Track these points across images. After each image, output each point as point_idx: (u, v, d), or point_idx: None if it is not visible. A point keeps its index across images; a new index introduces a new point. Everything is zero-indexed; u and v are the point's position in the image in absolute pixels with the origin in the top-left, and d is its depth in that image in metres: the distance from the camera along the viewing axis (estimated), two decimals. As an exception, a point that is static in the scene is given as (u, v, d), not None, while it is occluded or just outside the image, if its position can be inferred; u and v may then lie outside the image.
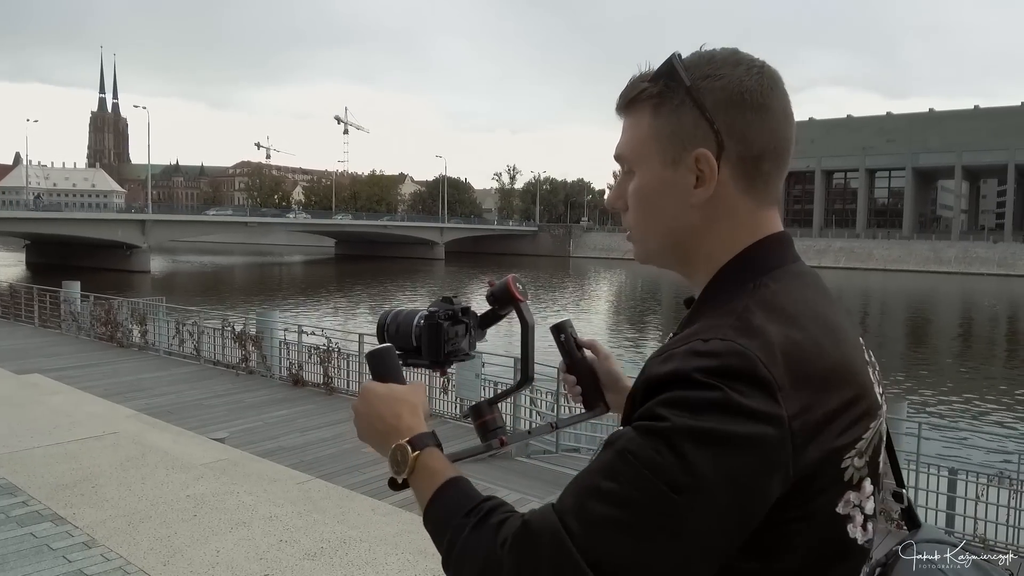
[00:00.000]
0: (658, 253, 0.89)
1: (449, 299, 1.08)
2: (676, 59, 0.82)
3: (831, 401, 0.72)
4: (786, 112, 0.83)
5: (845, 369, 0.75)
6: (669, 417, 0.68)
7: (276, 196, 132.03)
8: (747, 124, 0.80)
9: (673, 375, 0.70)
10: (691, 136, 0.81)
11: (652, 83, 0.83)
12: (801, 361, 0.71)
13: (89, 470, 4.43)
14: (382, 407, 0.90)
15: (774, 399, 0.68)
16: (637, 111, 0.85)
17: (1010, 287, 52.52)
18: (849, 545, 0.76)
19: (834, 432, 0.72)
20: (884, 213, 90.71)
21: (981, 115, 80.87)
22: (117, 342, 13.74)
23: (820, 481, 0.72)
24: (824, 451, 0.71)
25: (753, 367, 0.69)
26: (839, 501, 0.74)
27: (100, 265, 48.09)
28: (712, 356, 0.70)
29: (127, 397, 9.13)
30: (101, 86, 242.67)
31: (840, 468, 0.73)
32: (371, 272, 55.85)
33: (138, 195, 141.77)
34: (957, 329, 31.01)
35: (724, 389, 0.67)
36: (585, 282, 51.90)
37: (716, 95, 0.79)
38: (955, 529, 5.78)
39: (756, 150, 0.81)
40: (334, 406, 9.42)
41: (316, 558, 3.37)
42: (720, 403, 0.67)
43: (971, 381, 18.34)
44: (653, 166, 0.84)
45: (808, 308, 0.78)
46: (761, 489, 0.68)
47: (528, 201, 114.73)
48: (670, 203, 0.83)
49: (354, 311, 31.27)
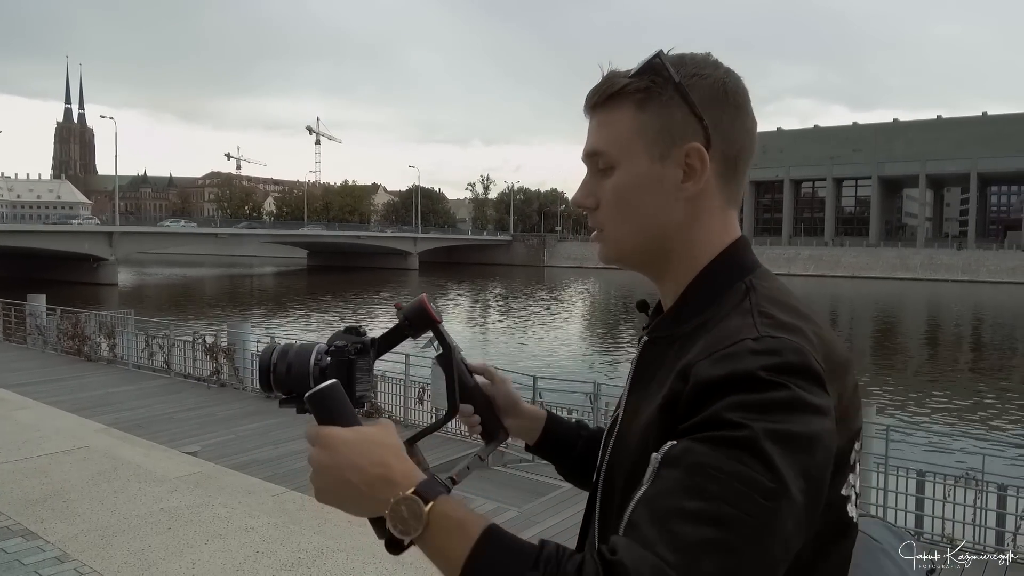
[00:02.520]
0: (632, 251, 0.88)
1: (353, 329, 0.95)
2: (663, 56, 0.82)
3: (848, 388, 0.76)
4: (754, 117, 0.86)
5: (848, 358, 0.79)
6: (744, 423, 0.65)
7: (247, 207, 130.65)
8: (730, 122, 0.82)
9: (735, 376, 0.68)
10: (681, 131, 0.81)
11: (638, 78, 0.82)
12: (828, 352, 0.74)
13: (60, 485, 4.37)
14: (357, 456, 0.73)
15: (825, 391, 0.70)
16: (617, 107, 0.84)
17: (974, 292, 53.67)
18: (848, 523, 0.78)
19: (852, 417, 0.76)
20: (851, 221, 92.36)
21: (944, 125, 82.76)
22: (85, 356, 13.50)
23: (840, 465, 0.74)
24: (847, 437, 0.74)
25: (808, 361, 0.70)
26: (843, 484, 0.76)
27: (66, 278, 47.19)
28: (772, 354, 0.69)
29: (96, 411, 8.97)
30: (67, 96, 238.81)
31: (850, 451, 0.76)
32: (344, 283, 55.47)
33: (105, 207, 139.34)
34: (924, 334, 31.60)
35: (792, 387, 0.67)
36: (559, 291, 52.04)
37: (703, 92, 0.81)
38: (924, 529, 5.89)
39: (735, 149, 0.83)
40: (308, 418, 9.31)
41: (293, 569, 3.35)
42: (791, 402, 0.67)
43: (938, 385, 18.69)
44: (639, 161, 0.83)
45: (801, 304, 0.80)
46: (826, 480, 0.70)
47: (502, 211, 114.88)
48: (655, 198, 0.83)
49: (327, 323, 31.04)
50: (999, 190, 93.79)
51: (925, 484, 6.29)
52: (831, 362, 0.73)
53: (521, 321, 31.87)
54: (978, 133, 79.13)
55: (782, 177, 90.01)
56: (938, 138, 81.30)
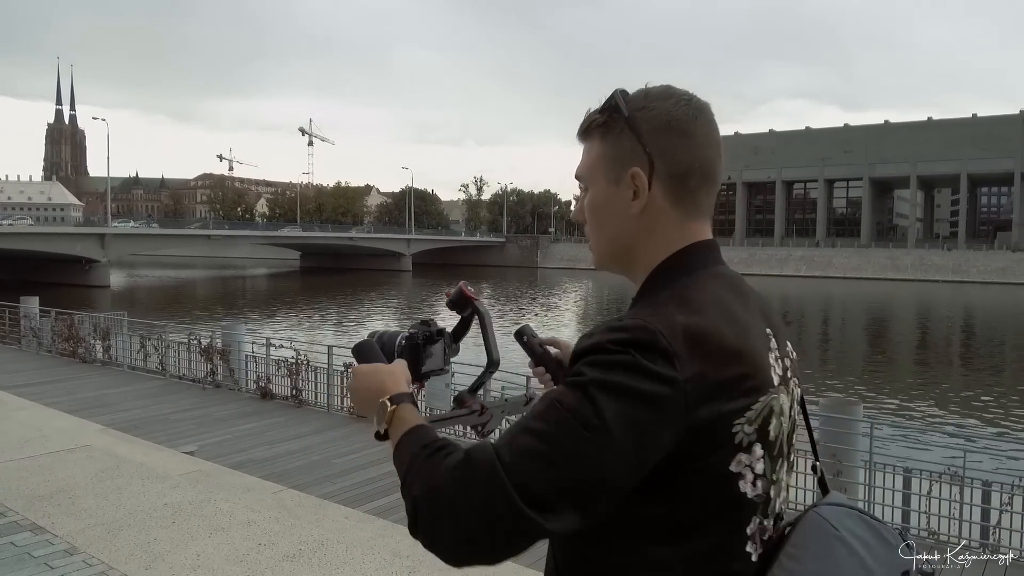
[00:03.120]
0: (609, 258, 1.05)
1: (427, 322, 1.23)
2: (618, 95, 0.99)
3: (723, 374, 0.87)
4: (709, 136, 0.99)
5: (739, 351, 0.90)
6: (587, 373, 0.85)
7: (239, 209, 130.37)
8: (674, 147, 0.97)
9: (593, 345, 0.87)
10: (629, 158, 0.97)
11: (601, 115, 1.00)
12: (699, 340, 0.87)
13: (64, 482, 4.46)
14: (368, 380, 1.08)
15: (672, 365, 0.84)
16: (590, 138, 1.02)
17: (964, 293, 54.02)
18: (740, 498, 0.90)
19: (723, 399, 0.87)
20: (843, 222, 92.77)
21: (934, 127, 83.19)
22: (79, 358, 13.52)
23: (713, 440, 0.87)
24: (714, 413, 0.86)
25: (655, 339, 0.85)
26: (731, 461, 0.88)
27: (58, 280, 47.02)
28: (624, 330, 0.86)
29: (92, 413, 9.02)
30: (58, 97, 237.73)
31: (731, 432, 0.88)
32: (337, 284, 55.44)
33: (96, 208, 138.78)
34: (912, 334, 31.84)
35: (632, 355, 0.84)
36: (552, 292, 52.17)
37: (649, 123, 0.97)
38: (911, 525, 6.01)
39: (682, 169, 0.97)
40: (303, 418, 9.41)
41: (295, 560, 3.46)
42: (628, 364, 0.83)
43: (926, 384, 18.89)
44: (601, 184, 1.01)
45: (715, 302, 0.93)
46: (655, 436, 0.84)
47: (495, 212, 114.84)
48: (615, 215, 1.01)
49: (321, 324, 31.08)
50: (989, 191, 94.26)
51: (912, 481, 6.42)
52: (702, 348, 0.86)
53: (515, 321, 31.99)
54: (968, 135, 79.60)
55: (774, 178, 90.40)
56: (929, 139, 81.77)
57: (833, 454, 5.94)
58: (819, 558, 0.89)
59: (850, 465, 6.02)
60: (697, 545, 0.89)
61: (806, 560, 0.89)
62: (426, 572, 3.48)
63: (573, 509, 0.83)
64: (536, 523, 0.81)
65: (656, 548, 0.89)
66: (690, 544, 0.89)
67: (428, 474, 0.88)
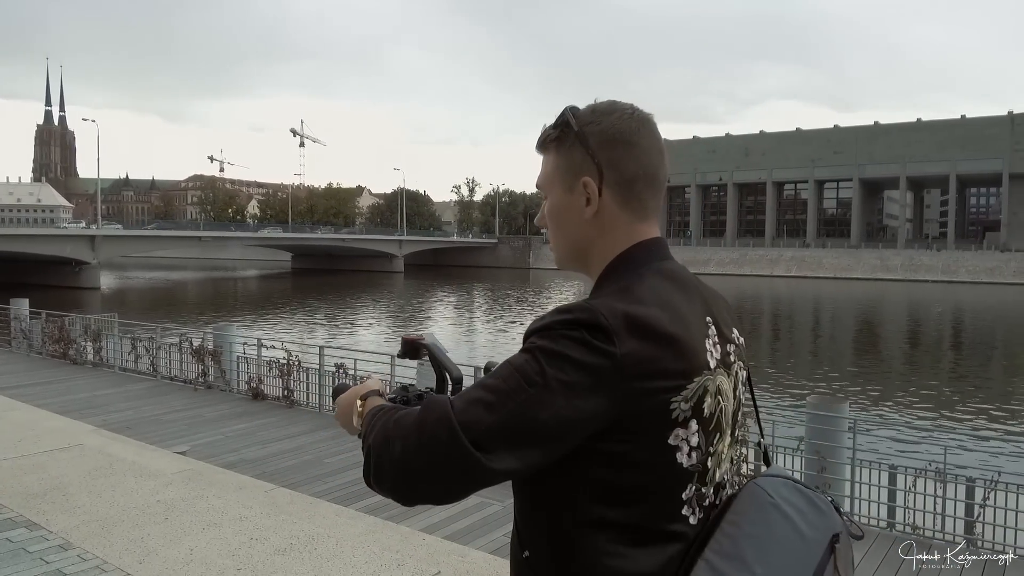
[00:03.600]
0: (568, 259, 1.17)
1: (406, 387, 1.27)
2: (569, 111, 1.11)
3: (657, 354, 0.97)
4: (652, 145, 1.10)
5: (673, 336, 1.00)
6: (536, 341, 0.98)
7: (230, 210, 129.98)
8: (620, 157, 1.08)
9: (544, 325, 0.99)
10: (580, 168, 1.09)
11: (554, 130, 1.12)
12: (636, 323, 0.97)
13: (58, 480, 4.51)
14: (344, 401, 1.24)
15: (611, 341, 0.95)
16: (547, 151, 1.14)
17: (953, 293, 54.40)
18: (678, 468, 1.01)
19: (659, 377, 0.97)
20: (833, 223, 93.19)
21: (924, 128, 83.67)
22: (70, 359, 13.52)
23: (650, 413, 0.98)
24: (649, 388, 0.97)
25: (596, 318, 0.96)
26: (669, 434, 0.99)
27: (47, 282, 46.83)
28: (569, 311, 0.99)
29: (84, 414, 9.04)
30: (47, 98, 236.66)
31: (669, 408, 0.98)
32: (329, 286, 55.37)
33: (86, 210, 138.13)
34: (903, 333, 32.07)
35: (579, 330, 0.96)
36: (545, 292, 52.28)
37: (597, 136, 1.08)
38: (895, 520, 6.09)
39: (629, 176, 1.09)
40: (294, 419, 9.45)
41: (286, 554, 3.53)
42: (573, 337, 0.95)
43: (912, 382, 19.06)
44: (557, 192, 1.13)
45: (654, 293, 1.03)
46: (589, 401, 0.95)
47: (488, 213, 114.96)
48: (571, 220, 1.12)
49: (312, 325, 31.08)
50: (978, 192, 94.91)
51: (896, 477, 6.52)
52: (640, 330, 0.97)
53: (507, 322, 32.05)
54: (957, 135, 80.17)
55: (765, 179, 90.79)
56: (918, 140, 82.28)
57: (819, 451, 6.04)
58: (755, 523, 1.00)
59: (836, 462, 6.11)
60: (639, 507, 1.00)
61: (744, 525, 1.00)
62: (414, 564, 3.56)
63: (508, 451, 0.94)
64: (479, 460, 0.92)
65: (602, 509, 0.99)
66: (633, 506, 0.99)
67: (383, 426, 1.02)
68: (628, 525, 1.00)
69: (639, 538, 1.00)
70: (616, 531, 0.99)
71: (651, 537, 1.00)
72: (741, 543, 0.99)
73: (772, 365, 21.27)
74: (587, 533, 0.99)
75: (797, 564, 0.97)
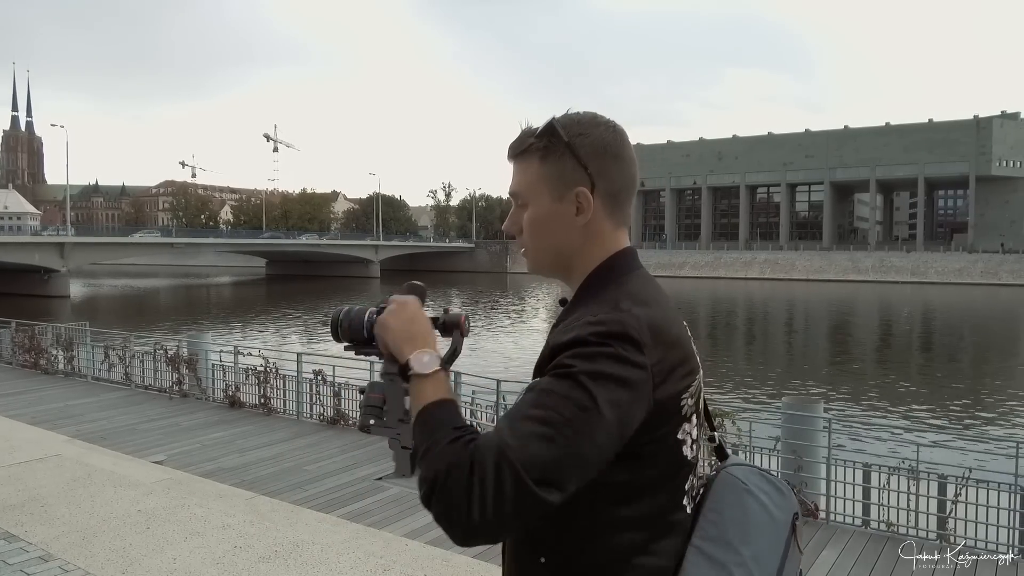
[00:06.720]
0: (548, 265, 1.19)
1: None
2: (555, 121, 1.13)
3: (674, 357, 1.05)
4: (632, 158, 1.16)
5: (679, 338, 1.08)
6: (575, 363, 0.98)
7: (203, 216, 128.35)
8: (608, 169, 1.13)
9: (574, 339, 1.00)
10: (571, 178, 1.12)
11: (538, 139, 1.13)
12: (656, 330, 1.03)
13: (35, 491, 4.46)
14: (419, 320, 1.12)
15: (642, 352, 1.00)
16: (526, 159, 1.15)
17: (923, 293, 55.34)
18: (684, 460, 1.09)
19: (676, 378, 1.05)
20: (805, 225, 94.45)
21: (892, 132, 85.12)
22: (42, 369, 13.31)
23: (669, 414, 1.05)
24: (671, 391, 1.04)
25: (627, 331, 1.00)
26: (679, 430, 1.07)
27: (15, 291, 45.99)
28: (599, 325, 1.01)
29: (57, 424, 8.91)
30: (14, 104, 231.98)
31: (679, 405, 1.06)
32: (304, 292, 54.98)
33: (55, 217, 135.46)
34: (875, 334, 32.56)
35: (612, 346, 0.98)
36: (522, 297, 52.33)
37: (587, 148, 1.11)
38: (870, 517, 6.20)
39: (616, 187, 1.14)
40: (272, 426, 9.39)
41: (271, 561, 3.52)
42: (609, 354, 0.98)
43: (884, 382, 19.35)
44: (544, 201, 1.14)
45: (655, 298, 1.10)
46: (633, 413, 0.99)
47: (464, 218, 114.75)
48: (559, 228, 1.14)
49: (287, 331, 30.83)
50: (945, 194, 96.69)
51: (871, 475, 6.63)
52: (659, 337, 1.02)
53: (484, 326, 32.03)
54: (925, 139, 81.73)
55: (738, 183, 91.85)
56: (887, 144, 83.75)
57: (794, 450, 6.13)
58: (735, 508, 1.10)
59: (811, 461, 6.20)
60: (650, 503, 1.06)
61: (725, 511, 1.09)
62: (399, 569, 3.57)
63: (569, 482, 0.94)
64: (540, 499, 0.92)
65: (616, 508, 1.04)
66: (645, 503, 1.05)
67: (448, 457, 0.95)
68: (644, 520, 1.05)
69: (654, 532, 1.06)
70: (634, 528, 1.05)
71: (663, 530, 1.07)
72: (725, 528, 1.08)
73: (747, 367, 21.49)
74: (607, 532, 1.04)
75: (773, 542, 1.08)
